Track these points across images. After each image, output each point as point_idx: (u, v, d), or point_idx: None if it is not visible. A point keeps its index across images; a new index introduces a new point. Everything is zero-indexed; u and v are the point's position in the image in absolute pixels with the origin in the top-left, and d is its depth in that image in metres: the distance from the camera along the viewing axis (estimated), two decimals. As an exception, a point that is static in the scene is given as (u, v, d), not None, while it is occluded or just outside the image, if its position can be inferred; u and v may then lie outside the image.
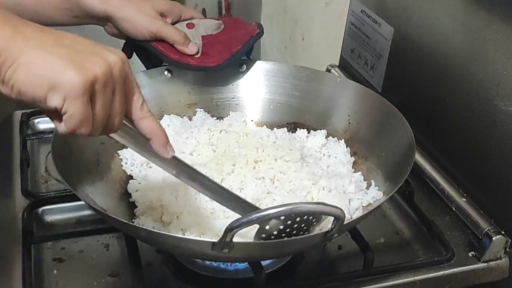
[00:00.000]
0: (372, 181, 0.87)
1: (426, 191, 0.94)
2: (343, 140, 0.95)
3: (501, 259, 0.83)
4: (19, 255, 0.80)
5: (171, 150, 0.64)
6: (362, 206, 0.83)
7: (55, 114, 0.56)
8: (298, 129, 1.00)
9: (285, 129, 0.99)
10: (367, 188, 0.86)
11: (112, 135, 0.61)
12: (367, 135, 0.93)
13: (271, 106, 1.03)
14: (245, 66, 1.03)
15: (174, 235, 0.71)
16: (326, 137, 0.97)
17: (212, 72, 0.99)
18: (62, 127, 0.56)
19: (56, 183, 0.98)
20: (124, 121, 0.61)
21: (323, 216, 0.69)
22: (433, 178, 0.94)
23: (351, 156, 0.93)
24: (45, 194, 0.93)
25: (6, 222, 0.88)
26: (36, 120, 1.12)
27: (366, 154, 0.92)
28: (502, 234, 0.82)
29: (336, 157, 0.93)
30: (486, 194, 0.87)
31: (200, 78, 1.02)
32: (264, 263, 0.77)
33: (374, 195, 0.83)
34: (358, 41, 1.20)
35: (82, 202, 0.88)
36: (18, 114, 1.12)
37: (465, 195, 0.90)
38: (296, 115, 1.02)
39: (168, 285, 0.81)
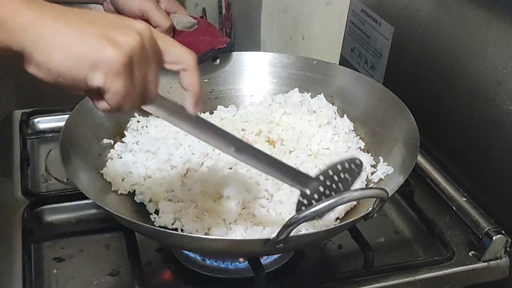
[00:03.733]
0: (380, 157, 0.87)
1: (426, 191, 0.94)
2: (322, 94, 0.99)
3: (501, 259, 0.83)
4: (19, 255, 0.80)
5: (198, 108, 0.63)
6: (374, 182, 0.84)
7: (95, 94, 0.55)
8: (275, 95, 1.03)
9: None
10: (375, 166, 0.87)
11: (147, 108, 0.60)
12: (371, 128, 0.94)
13: (251, 95, 1.04)
14: (219, 60, 1.04)
15: (225, 238, 0.73)
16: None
17: None
18: (104, 106, 0.56)
19: (56, 183, 0.98)
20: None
21: (358, 173, 0.73)
22: (434, 177, 0.94)
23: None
24: (45, 193, 0.93)
25: (6, 222, 0.88)
26: (36, 120, 1.12)
27: (370, 148, 0.92)
28: (502, 234, 0.82)
29: (321, 110, 0.97)
30: (486, 193, 0.87)
31: (176, 76, 1.02)
32: (264, 262, 0.77)
33: (384, 170, 0.84)
34: (358, 41, 1.19)
35: (82, 202, 0.89)
36: (18, 113, 1.12)
37: (465, 194, 0.90)
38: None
39: (168, 284, 0.81)
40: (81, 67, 0.52)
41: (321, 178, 0.70)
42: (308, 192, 0.69)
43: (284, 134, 0.93)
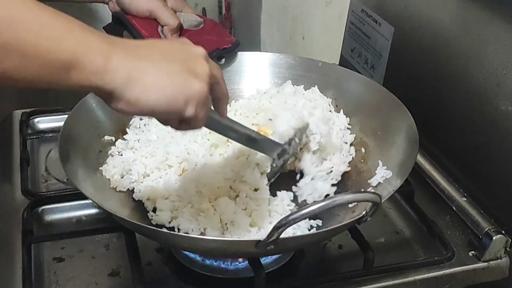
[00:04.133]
0: (379, 161, 0.87)
1: (426, 191, 0.94)
2: (316, 86, 0.99)
3: (501, 259, 0.83)
4: (19, 255, 0.80)
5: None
6: (372, 186, 0.84)
7: (177, 121, 0.62)
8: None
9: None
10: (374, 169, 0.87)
11: None
12: (373, 131, 0.94)
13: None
14: (224, 60, 1.04)
15: (217, 238, 0.74)
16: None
17: None
18: (184, 128, 0.63)
19: (56, 183, 0.98)
20: None
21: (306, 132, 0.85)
22: (434, 177, 0.94)
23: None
24: (45, 193, 0.93)
25: (6, 222, 0.88)
26: (36, 120, 1.12)
27: (371, 151, 0.92)
28: (503, 234, 0.82)
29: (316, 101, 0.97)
30: (486, 193, 0.87)
31: None
32: (264, 262, 0.77)
33: (383, 174, 0.84)
34: (358, 41, 1.19)
35: (82, 202, 0.89)
36: (18, 113, 1.12)
37: (465, 194, 0.89)
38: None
39: (168, 284, 0.81)
40: (176, 103, 0.58)
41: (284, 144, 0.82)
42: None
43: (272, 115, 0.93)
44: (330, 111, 0.97)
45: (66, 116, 0.86)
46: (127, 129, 0.93)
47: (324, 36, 1.56)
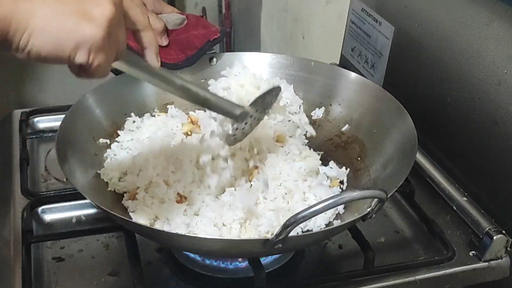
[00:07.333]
0: (376, 158, 0.88)
1: (427, 190, 0.94)
2: (292, 85, 0.99)
3: (502, 259, 0.83)
4: (19, 255, 0.80)
5: (159, 60, 0.69)
6: (371, 183, 0.85)
7: (76, 66, 0.57)
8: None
9: None
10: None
11: (115, 64, 0.63)
12: (368, 129, 0.93)
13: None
14: (215, 60, 1.04)
15: (223, 238, 0.74)
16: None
17: (165, 67, 0.99)
18: (85, 75, 0.59)
19: (55, 182, 0.97)
20: None
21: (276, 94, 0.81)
22: (434, 177, 0.94)
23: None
24: (44, 193, 0.93)
25: (6, 222, 0.88)
26: (35, 119, 1.12)
27: (368, 149, 0.92)
28: (503, 234, 0.82)
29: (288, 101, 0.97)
30: (487, 193, 0.87)
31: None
32: (264, 262, 0.77)
33: (381, 171, 0.85)
34: (358, 40, 1.19)
35: (82, 201, 0.89)
36: (17, 113, 1.12)
37: (466, 194, 0.89)
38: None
39: (168, 284, 0.81)
40: (64, 47, 0.54)
41: (251, 107, 0.78)
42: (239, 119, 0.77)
43: None
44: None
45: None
46: (119, 131, 0.92)
47: (324, 36, 1.56)
